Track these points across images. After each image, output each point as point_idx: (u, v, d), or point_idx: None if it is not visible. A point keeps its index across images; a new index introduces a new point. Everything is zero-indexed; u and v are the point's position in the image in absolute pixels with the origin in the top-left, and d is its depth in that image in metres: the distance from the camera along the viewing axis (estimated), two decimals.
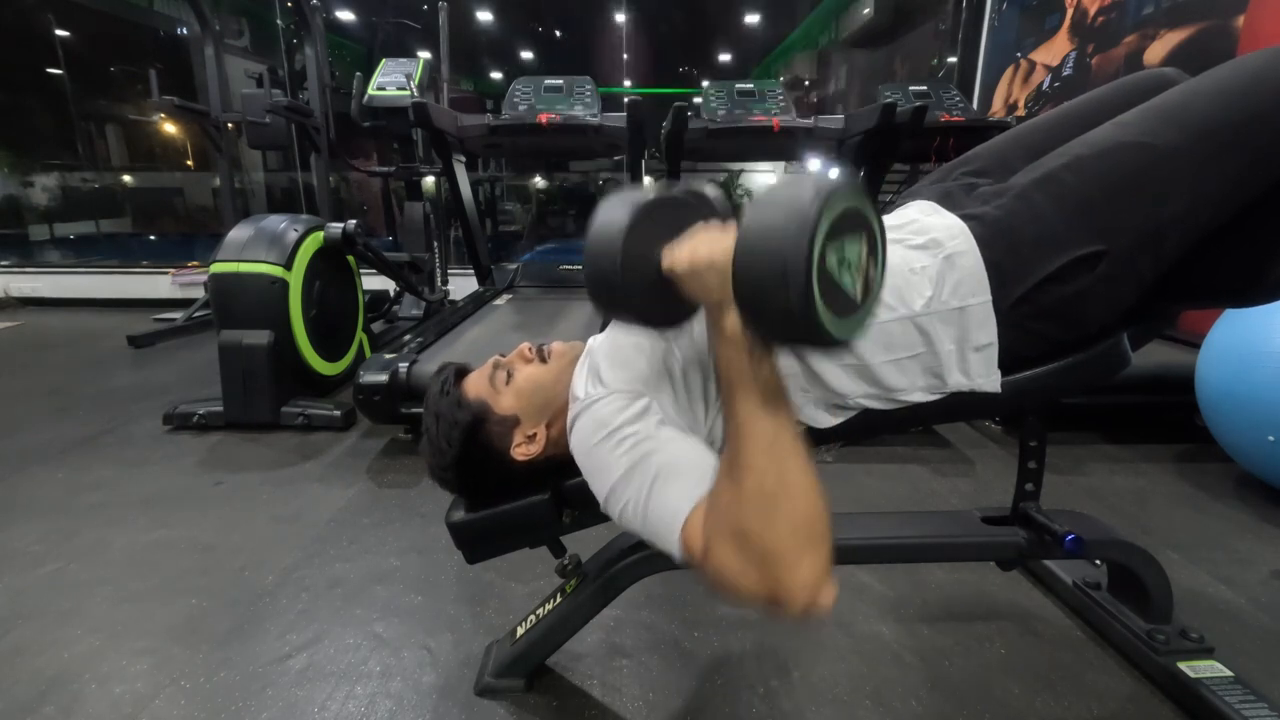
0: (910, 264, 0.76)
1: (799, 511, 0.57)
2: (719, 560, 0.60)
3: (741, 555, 0.58)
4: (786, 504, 0.57)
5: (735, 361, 0.61)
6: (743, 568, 0.58)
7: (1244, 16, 2.33)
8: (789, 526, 0.57)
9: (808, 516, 0.57)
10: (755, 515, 0.58)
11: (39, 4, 6.11)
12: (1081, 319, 0.77)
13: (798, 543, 0.57)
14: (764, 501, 0.58)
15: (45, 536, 1.47)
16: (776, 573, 0.56)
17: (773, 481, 0.58)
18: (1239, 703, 0.90)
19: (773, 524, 0.57)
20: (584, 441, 0.74)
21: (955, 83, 3.96)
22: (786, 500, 0.57)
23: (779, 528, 0.57)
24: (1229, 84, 0.73)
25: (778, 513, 0.57)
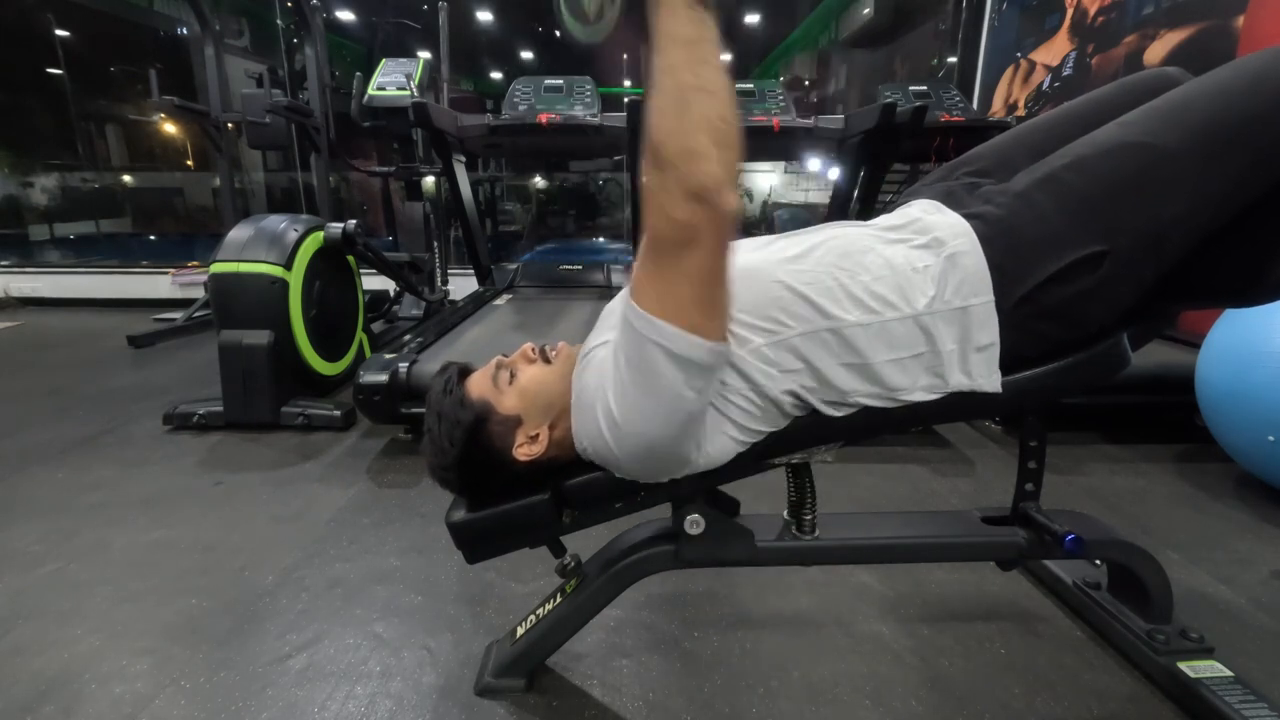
0: (913, 263, 0.76)
1: (712, 110, 0.61)
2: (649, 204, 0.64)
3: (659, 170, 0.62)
4: (699, 101, 0.61)
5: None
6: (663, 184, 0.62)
7: (1244, 16, 2.33)
8: (701, 122, 0.61)
9: (720, 115, 0.61)
10: (671, 118, 0.61)
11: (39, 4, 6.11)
12: (1083, 319, 0.77)
13: (708, 139, 0.60)
14: (680, 100, 0.61)
15: (45, 536, 1.47)
16: (688, 171, 0.60)
17: (689, 80, 0.61)
18: (1239, 703, 0.90)
19: (685, 123, 0.61)
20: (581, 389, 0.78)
21: (955, 83, 3.96)
22: (700, 97, 0.61)
23: (691, 125, 0.61)
24: (1230, 84, 0.73)
25: (691, 109, 0.61)
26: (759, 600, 1.23)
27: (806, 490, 0.96)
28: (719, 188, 0.61)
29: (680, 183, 0.61)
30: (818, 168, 6.46)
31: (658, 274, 0.66)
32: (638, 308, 0.67)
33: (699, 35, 0.62)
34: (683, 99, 0.61)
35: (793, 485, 0.98)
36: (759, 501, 1.04)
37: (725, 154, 0.61)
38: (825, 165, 4.61)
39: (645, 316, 0.67)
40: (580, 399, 0.78)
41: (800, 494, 0.97)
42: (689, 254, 0.64)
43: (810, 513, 0.97)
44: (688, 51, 0.62)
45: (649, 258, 0.67)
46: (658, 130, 0.62)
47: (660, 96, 0.62)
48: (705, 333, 0.66)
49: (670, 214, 0.62)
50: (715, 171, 0.61)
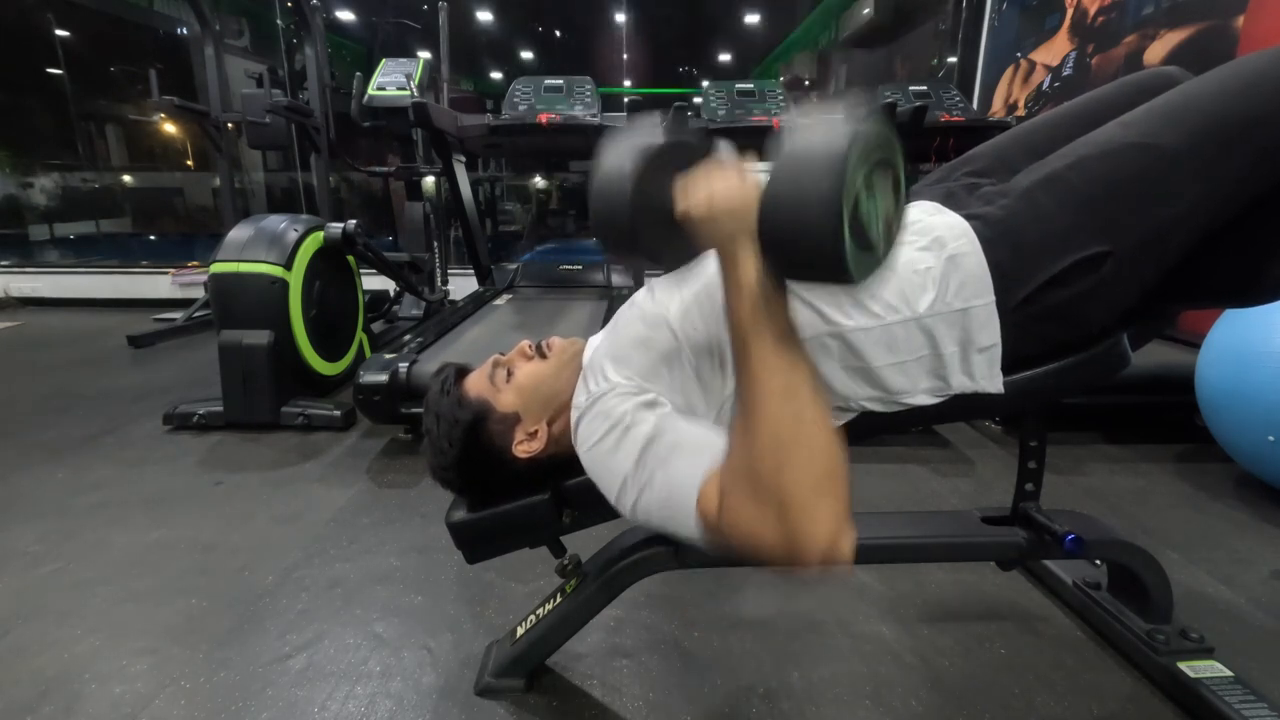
0: (914, 265, 0.76)
1: (816, 457, 0.56)
2: (735, 515, 0.58)
3: (758, 505, 0.56)
4: (803, 450, 0.55)
5: (749, 309, 0.59)
6: (759, 518, 0.56)
7: (1244, 16, 2.33)
8: (806, 472, 0.55)
9: (826, 462, 0.56)
10: (771, 463, 0.56)
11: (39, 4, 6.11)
12: (1084, 319, 0.77)
13: (815, 488, 0.55)
14: (779, 448, 0.56)
15: (45, 536, 1.47)
16: (793, 519, 0.54)
17: (789, 427, 0.56)
18: (1239, 703, 0.90)
19: (789, 470, 0.55)
20: (589, 438, 0.74)
21: (955, 83, 3.97)
22: (803, 446, 0.56)
23: (795, 473, 0.55)
24: (1231, 84, 0.73)
25: (794, 459, 0.55)
26: (759, 600, 1.23)
27: None
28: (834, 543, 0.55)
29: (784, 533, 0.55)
30: None
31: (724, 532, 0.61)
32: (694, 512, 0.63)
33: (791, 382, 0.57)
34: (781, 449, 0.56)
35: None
36: None
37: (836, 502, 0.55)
38: None
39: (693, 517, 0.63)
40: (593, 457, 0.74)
41: None
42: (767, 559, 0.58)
43: None
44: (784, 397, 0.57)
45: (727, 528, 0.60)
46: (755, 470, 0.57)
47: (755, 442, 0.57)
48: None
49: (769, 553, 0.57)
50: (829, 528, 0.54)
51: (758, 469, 0.57)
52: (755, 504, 0.57)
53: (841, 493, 0.56)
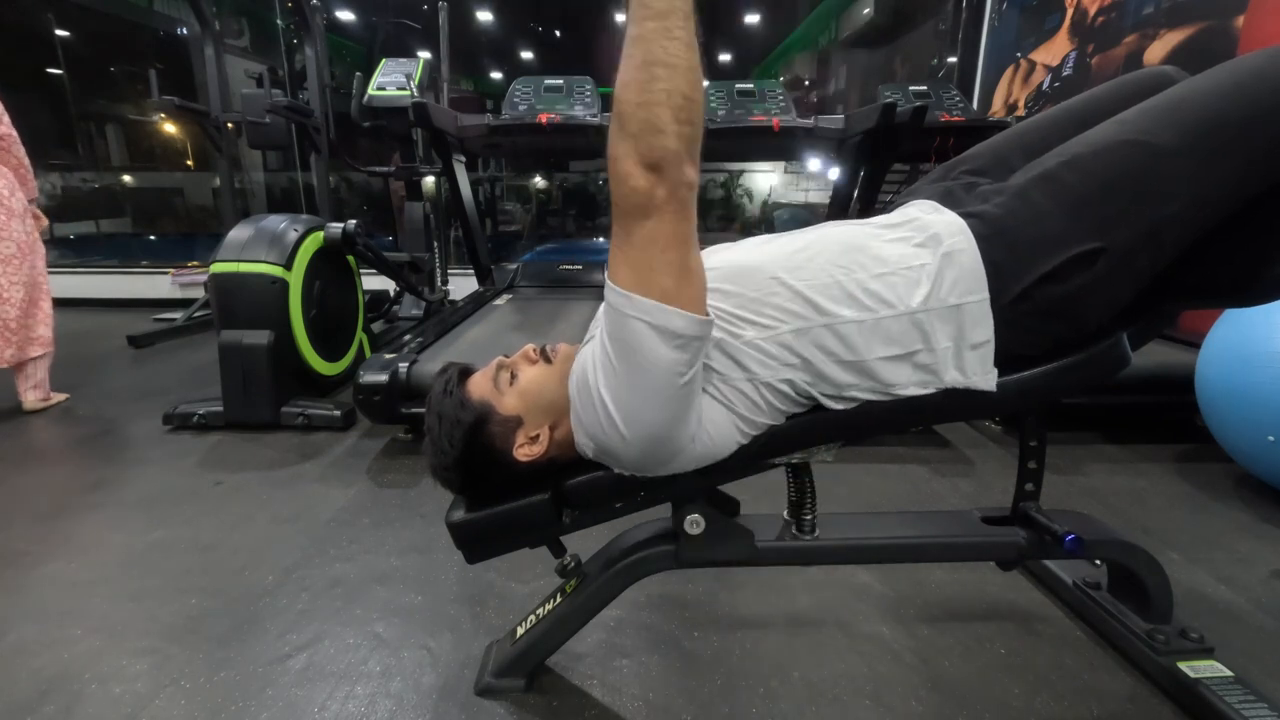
0: (909, 261, 0.76)
1: (673, 84, 0.62)
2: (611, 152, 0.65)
3: (623, 137, 0.64)
4: (662, 76, 0.62)
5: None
6: (625, 151, 0.64)
7: (1244, 16, 2.33)
8: (662, 96, 0.62)
9: (681, 91, 0.62)
10: (634, 91, 0.62)
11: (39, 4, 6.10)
12: (1080, 317, 0.77)
13: (667, 114, 0.62)
14: (644, 73, 0.62)
15: (45, 536, 1.47)
16: (645, 144, 0.62)
17: (654, 53, 0.62)
18: (1239, 703, 0.90)
19: (647, 95, 0.62)
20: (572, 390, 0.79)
21: (955, 83, 3.97)
22: (662, 72, 0.62)
23: (652, 98, 0.62)
24: (1227, 84, 0.73)
25: (654, 84, 0.62)
26: (759, 600, 1.23)
27: (806, 490, 0.96)
28: (677, 160, 0.63)
29: (639, 154, 0.63)
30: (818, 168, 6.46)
31: (626, 246, 0.68)
32: (614, 285, 0.69)
33: (671, 8, 0.63)
34: (648, 72, 0.62)
35: (793, 485, 0.98)
36: (759, 501, 1.05)
37: (684, 129, 0.63)
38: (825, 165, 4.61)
39: (621, 292, 0.68)
40: (577, 392, 0.78)
41: (800, 494, 0.97)
42: (650, 223, 0.66)
43: (810, 513, 0.97)
44: (658, 23, 0.62)
45: (617, 232, 0.69)
46: (621, 101, 0.63)
47: (627, 67, 0.63)
48: (680, 302, 0.68)
49: (629, 183, 0.64)
50: (672, 146, 0.63)
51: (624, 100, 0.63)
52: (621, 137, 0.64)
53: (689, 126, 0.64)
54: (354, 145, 3.76)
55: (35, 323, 2.29)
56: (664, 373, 0.69)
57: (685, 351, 0.69)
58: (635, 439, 0.73)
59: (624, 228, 0.68)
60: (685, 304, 0.68)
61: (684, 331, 0.68)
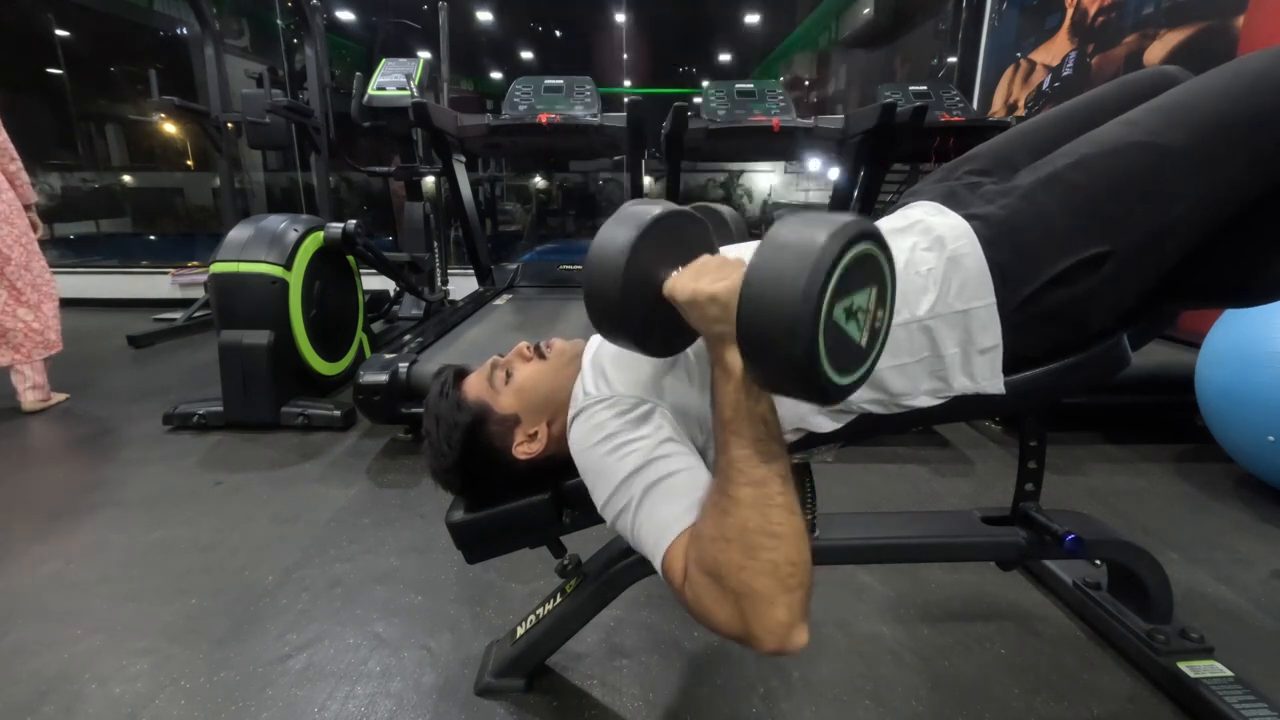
0: (916, 266, 0.75)
1: (780, 555, 0.57)
2: (695, 590, 0.60)
3: (718, 589, 0.58)
4: (768, 546, 0.57)
5: (732, 396, 0.60)
6: (718, 601, 0.59)
7: (1244, 16, 2.33)
8: (768, 568, 0.56)
9: (789, 560, 0.57)
10: (735, 553, 0.57)
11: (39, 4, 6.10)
12: (1085, 320, 0.77)
13: (774, 585, 0.56)
14: (745, 540, 0.57)
15: (45, 536, 1.47)
16: (750, 612, 0.57)
17: (756, 523, 0.58)
18: (1239, 703, 0.90)
19: (751, 564, 0.57)
20: (582, 442, 0.74)
21: (955, 83, 3.97)
22: (768, 542, 0.57)
23: (757, 568, 0.57)
24: (1232, 84, 0.73)
25: (758, 553, 0.57)
26: None
27: (806, 490, 0.96)
28: (786, 634, 0.56)
29: (740, 617, 0.57)
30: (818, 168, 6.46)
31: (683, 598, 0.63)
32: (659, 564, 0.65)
33: (769, 474, 0.59)
34: (748, 541, 0.57)
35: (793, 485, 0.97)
36: None
37: (795, 596, 0.57)
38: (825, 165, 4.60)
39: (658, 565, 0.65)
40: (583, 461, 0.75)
41: (800, 494, 0.96)
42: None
43: (810, 513, 0.97)
44: (757, 490, 0.58)
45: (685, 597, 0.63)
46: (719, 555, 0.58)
47: (723, 523, 0.59)
48: None
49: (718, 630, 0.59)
50: (783, 620, 0.56)
51: (722, 559, 0.58)
52: (715, 589, 0.59)
53: (800, 590, 0.57)
54: (354, 145, 3.76)
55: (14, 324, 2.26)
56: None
57: None
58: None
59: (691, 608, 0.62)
60: None
61: None
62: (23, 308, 2.25)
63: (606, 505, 0.70)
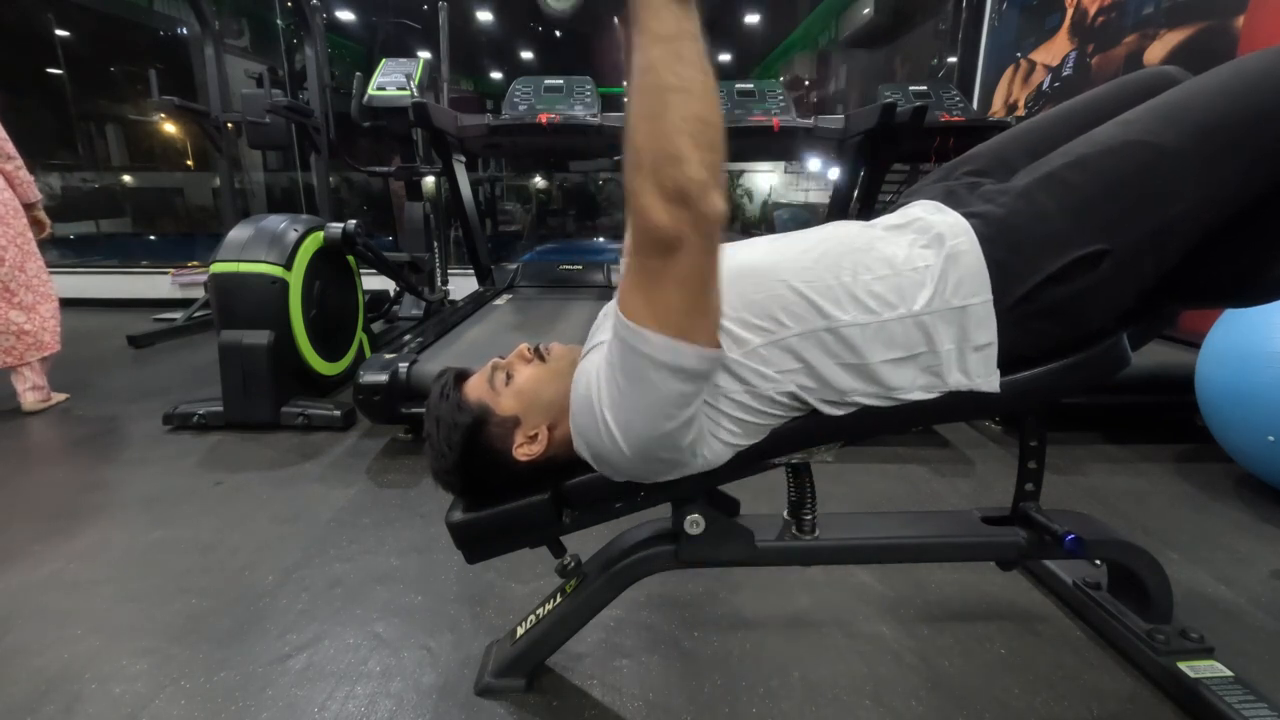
0: (914, 262, 0.76)
1: (689, 109, 0.58)
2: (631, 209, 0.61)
3: (640, 175, 0.59)
4: (676, 102, 0.58)
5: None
6: (644, 187, 0.59)
7: (1244, 16, 2.33)
8: (678, 123, 0.58)
9: (698, 115, 0.58)
10: (647, 121, 0.58)
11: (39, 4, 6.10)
12: (1083, 318, 0.77)
13: (685, 142, 0.58)
14: (657, 102, 0.58)
15: (45, 536, 1.47)
16: (668, 177, 0.58)
17: (667, 79, 0.58)
18: (1239, 703, 0.90)
19: (663, 124, 0.58)
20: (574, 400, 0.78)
21: (955, 83, 3.97)
22: (677, 98, 0.58)
23: (668, 127, 0.58)
24: (1231, 84, 0.73)
25: (668, 112, 0.58)
26: (759, 600, 1.23)
27: (806, 490, 0.96)
28: (702, 191, 0.59)
29: (660, 187, 0.59)
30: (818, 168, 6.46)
31: (643, 281, 0.65)
32: (625, 318, 0.66)
33: (679, 31, 0.58)
34: (661, 100, 0.58)
35: (793, 485, 0.98)
36: (759, 501, 1.05)
37: (707, 155, 0.59)
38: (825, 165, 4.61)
39: (632, 327, 0.66)
40: (578, 405, 0.78)
41: (800, 494, 0.97)
42: (674, 259, 0.62)
43: (810, 513, 0.97)
44: (666, 48, 0.58)
45: (634, 264, 0.65)
46: (635, 132, 0.59)
47: (637, 97, 0.59)
48: (695, 338, 0.66)
49: (652, 219, 0.60)
50: (697, 174, 0.58)
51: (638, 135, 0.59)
52: (638, 174, 0.60)
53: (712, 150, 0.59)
54: (354, 145, 3.76)
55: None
56: (670, 402, 0.69)
57: (693, 383, 0.69)
58: (636, 456, 0.74)
59: (643, 264, 0.64)
60: (699, 338, 0.66)
61: (695, 368, 0.67)
62: (15, 310, 2.24)
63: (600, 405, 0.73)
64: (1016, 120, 3.26)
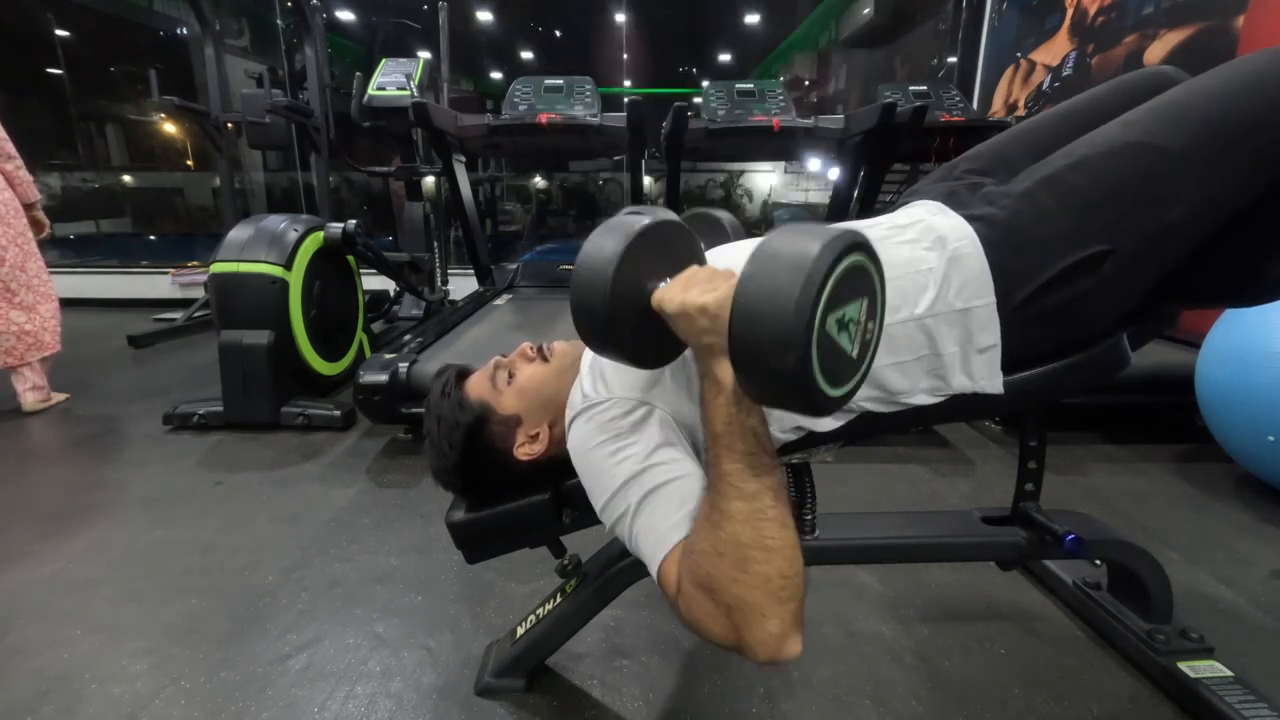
0: (916, 265, 0.75)
1: (772, 568, 0.57)
2: (689, 601, 0.61)
3: (710, 602, 0.59)
4: (760, 559, 0.57)
5: (722, 410, 0.60)
6: (711, 614, 0.59)
7: (1244, 16, 2.33)
8: (760, 581, 0.57)
9: (780, 574, 0.57)
10: (727, 567, 0.58)
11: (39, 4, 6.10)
12: (1085, 320, 0.77)
13: (766, 598, 0.57)
14: (737, 554, 0.57)
15: (45, 536, 1.47)
16: (742, 624, 0.57)
17: (748, 537, 0.58)
18: (1239, 703, 0.90)
19: (744, 577, 0.57)
20: (581, 445, 0.74)
21: (955, 83, 3.97)
22: (760, 555, 0.57)
23: (750, 581, 0.57)
24: (1230, 84, 0.73)
25: (750, 566, 0.57)
26: None
27: (806, 490, 0.96)
28: (780, 644, 0.57)
29: (734, 629, 0.58)
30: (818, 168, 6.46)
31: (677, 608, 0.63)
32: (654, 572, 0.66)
33: (760, 488, 0.59)
34: (740, 554, 0.57)
35: (793, 485, 0.97)
36: None
37: (787, 608, 0.57)
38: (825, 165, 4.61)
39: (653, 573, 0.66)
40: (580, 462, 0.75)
41: (800, 494, 0.97)
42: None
43: (810, 513, 0.97)
44: (748, 505, 0.58)
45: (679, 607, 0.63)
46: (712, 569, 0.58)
47: (717, 538, 0.59)
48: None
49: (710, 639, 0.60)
50: (776, 632, 0.56)
51: (715, 571, 0.58)
52: (709, 601, 0.59)
53: (792, 602, 0.57)
54: (354, 145, 3.76)
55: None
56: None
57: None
58: None
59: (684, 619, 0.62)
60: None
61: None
62: (15, 310, 2.24)
63: (604, 510, 0.71)
64: (1016, 120, 3.26)
